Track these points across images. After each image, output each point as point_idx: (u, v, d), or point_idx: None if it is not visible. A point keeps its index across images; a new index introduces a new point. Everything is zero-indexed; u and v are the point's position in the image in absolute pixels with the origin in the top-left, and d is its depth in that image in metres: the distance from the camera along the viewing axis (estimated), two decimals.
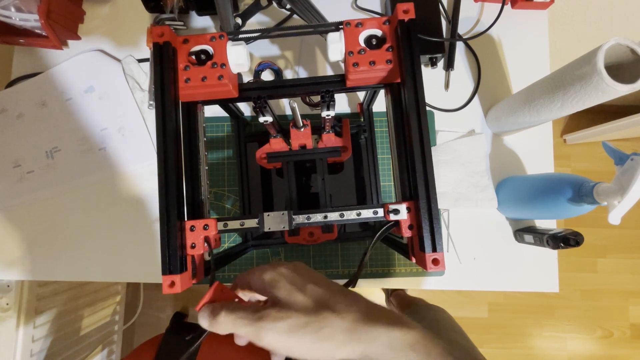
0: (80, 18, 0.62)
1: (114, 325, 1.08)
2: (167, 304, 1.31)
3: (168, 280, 0.30)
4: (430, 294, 1.34)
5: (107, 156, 0.59)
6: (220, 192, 0.59)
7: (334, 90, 0.36)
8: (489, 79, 0.61)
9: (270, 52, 0.62)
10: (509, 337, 1.33)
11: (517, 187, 0.55)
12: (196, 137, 0.37)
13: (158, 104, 0.32)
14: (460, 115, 0.61)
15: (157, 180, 0.31)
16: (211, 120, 0.59)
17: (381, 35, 0.34)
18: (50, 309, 0.80)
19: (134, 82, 0.60)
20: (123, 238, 0.58)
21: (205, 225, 0.32)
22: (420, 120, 0.31)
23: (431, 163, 0.30)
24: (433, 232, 0.30)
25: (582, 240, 0.48)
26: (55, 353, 0.81)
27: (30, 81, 0.61)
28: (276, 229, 0.33)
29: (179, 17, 0.59)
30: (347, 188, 0.56)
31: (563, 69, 0.43)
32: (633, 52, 0.37)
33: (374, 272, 0.57)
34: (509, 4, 0.63)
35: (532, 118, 0.49)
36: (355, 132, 0.55)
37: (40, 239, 0.58)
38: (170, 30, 0.33)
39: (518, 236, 0.57)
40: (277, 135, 0.45)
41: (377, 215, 0.33)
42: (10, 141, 0.60)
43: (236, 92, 0.36)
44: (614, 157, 0.39)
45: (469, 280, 0.57)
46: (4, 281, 0.71)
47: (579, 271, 1.36)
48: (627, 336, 1.33)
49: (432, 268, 0.29)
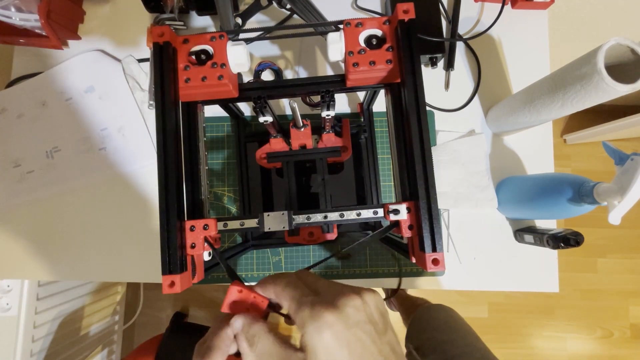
0: (80, 18, 0.62)
1: (114, 325, 1.08)
2: (167, 304, 1.31)
3: (168, 280, 0.30)
4: (430, 294, 1.34)
5: (107, 156, 0.59)
6: (220, 192, 0.59)
7: (334, 90, 0.36)
8: (489, 79, 0.61)
9: (270, 52, 0.62)
10: (509, 337, 1.33)
11: (517, 187, 0.55)
12: (196, 137, 0.37)
13: (158, 104, 0.32)
14: (460, 115, 0.61)
15: (157, 180, 0.31)
16: (211, 120, 0.59)
17: (381, 35, 0.34)
18: (50, 309, 0.80)
19: (134, 82, 0.60)
20: (123, 238, 0.58)
21: (205, 225, 0.32)
22: (420, 120, 0.31)
23: (431, 163, 0.30)
24: (433, 232, 0.30)
25: (582, 240, 0.48)
26: (55, 353, 0.81)
27: (30, 81, 0.61)
28: (276, 229, 0.33)
29: (179, 17, 0.59)
30: (347, 188, 0.56)
31: (563, 69, 0.43)
32: (633, 52, 0.37)
33: (374, 272, 0.57)
34: (509, 4, 0.63)
35: (532, 118, 0.49)
36: (355, 132, 0.55)
37: (40, 239, 0.58)
38: (170, 30, 0.33)
39: (518, 236, 0.57)
40: (277, 135, 0.45)
41: (377, 216, 0.33)
42: (10, 141, 0.60)
43: (236, 92, 0.36)
44: (614, 157, 0.38)
45: (469, 280, 0.57)
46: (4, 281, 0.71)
47: (579, 271, 1.36)
48: (627, 336, 1.33)
49: (432, 268, 0.29)
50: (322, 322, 0.22)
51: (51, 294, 0.81)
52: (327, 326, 0.22)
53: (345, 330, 0.23)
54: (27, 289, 0.72)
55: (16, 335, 0.70)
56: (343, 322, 0.23)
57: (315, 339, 0.22)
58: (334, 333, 0.22)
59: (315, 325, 0.23)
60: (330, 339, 0.22)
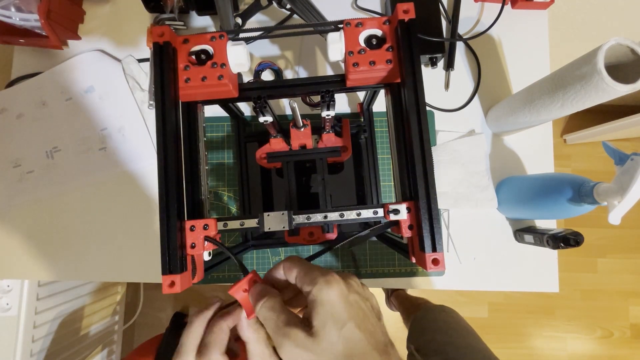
0: (80, 18, 0.62)
1: (114, 325, 1.08)
2: (167, 303, 1.31)
3: (168, 280, 0.30)
4: (430, 294, 1.34)
5: (107, 156, 0.59)
6: (220, 192, 0.59)
7: (334, 90, 0.36)
8: (489, 79, 0.61)
9: (270, 52, 0.62)
10: (509, 337, 1.33)
11: (517, 187, 0.55)
12: (196, 137, 0.37)
13: (158, 104, 0.32)
14: (460, 115, 0.61)
15: (157, 180, 0.31)
16: (211, 120, 0.59)
17: (381, 35, 0.34)
18: (50, 309, 0.80)
19: (134, 82, 0.60)
20: (123, 238, 0.58)
21: (205, 225, 0.32)
22: (420, 121, 0.31)
23: (431, 163, 0.30)
24: (433, 232, 0.30)
25: (582, 240, 0.48)
26: (55, 353, 0.81)
27: (30, 81, 0.61)
28: (276, 229, 0.33)
29: (179, 17, 0.59)
30: (347, 188, 0.56)
31: (563, 69, 0.42)
32: (633, 52, 0.37)
33: (374, 272, 0.57)
34: (509, 4, 0.63)
35: (532, 118, 0.49)
36: (355, 132, 0.55)
37: (40, 239, 0.58)
38: (170, 30, 0.33)
39: (518, 236, 0.57)
40: (277, 135, 0.45)
41: (377, 216, 0.33)
42: (10, 141, 0.60)
43: (236, 92, 0.36)
44: (614, 157, 0.38)
45: (469, 280, 0.57)
46: (4, 281, 0.71)
47: (579, 271, 1.36)
48: (627, 336, 1.33)
49: (432, 268, 0.29)
50: (332, 279, 0.25)
51: (51, 294, 0.81)
52: (336, 282, 0.25)
53: (350, 294, 0.26)
54: (27, 289, 0.72)
55: (16, 335, 0.70)
56: (347, 286, 0.26)
57: (324, 291, 0.25)
58: (340, 291, 0.25)
59: (325, 279, 0.25)
60: (337, 295, 0.25)
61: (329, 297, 0.25)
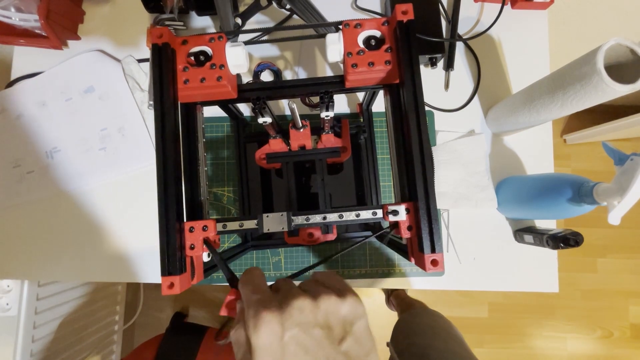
0: (80, 18, 0.62)
1: (114, 325, 1.08)
2: (167, 304, 1.31)
3: (167, 282, 0.30)
4: (431, 294, 1.34)
5: (107, 156, 0.59)
6: (220, 193, 0.59)
7: (333, 91, 0.36)
8: (489, 79, 0.61)
9: (269, 53, 0.62)
10: (509, 337, 1.33)
11: (517, 187, 0.55)
12: (195, 138, 0.37)
13: (157, 106, 0.32)
14: (460, 115, 0.60)
15: (156, 181, 0.31)
16: (210, 120, 0.59)
17: (380, 36, 0.34)
18: (50, 309, 0.80)
19: (134, 82, 0.60)
20: (123, 238, 0.58)
21: (204, 226, 0.32)
22: (419, 122, 0.31)
23: (430, 164, 0.30)
24: (432, 233, 0.30)
25: (582, 240, 0.48)
26: (55, 353, 0.81)
27: (30, 81, 0.61)
28: (275, 230, 0.33)
29: (178, 17, 0.59)
30: (347, 189, 0.56)
31: (563, 69, 0.42)
32: (633, 52, 0.37)
33: (374, 272, 0.57)
34: (509, 4, 0.63)
35: (532, 118, 0.49)
36: (354, 132, 0.55)
37: (40, 239, 0.58)
38: (169, 31, 0.33)
39: (518, 236, 0.57)
40: (277, 136, 0.45)
41: (376, 217, 0.33)
42: (10, 141, 0.60)
43: (235, 93, 0.36)
44: (613, 157, 0.38)
45: (469, 280, 0.57)
46: (4, 281, 0.71)
47: (579, 271, 1.36)
48: (627, 336, 1.33)
49: (431, 269, 0.29)
50: (260, 321, 0.22)
51: (51, 294, 0.81)
52: (265, 324, 0.22)
53: (286, 332, 0.23)
54: (27, 289, 0.72)
55: (16, 335, 0.71)
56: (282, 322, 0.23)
57: (254, 337, 0.22)
58: (271, 333, 0.22)
59: (254, 322, 0.23)
60: (267, 339, 0.22)
61: (260, 342, 0.22)
